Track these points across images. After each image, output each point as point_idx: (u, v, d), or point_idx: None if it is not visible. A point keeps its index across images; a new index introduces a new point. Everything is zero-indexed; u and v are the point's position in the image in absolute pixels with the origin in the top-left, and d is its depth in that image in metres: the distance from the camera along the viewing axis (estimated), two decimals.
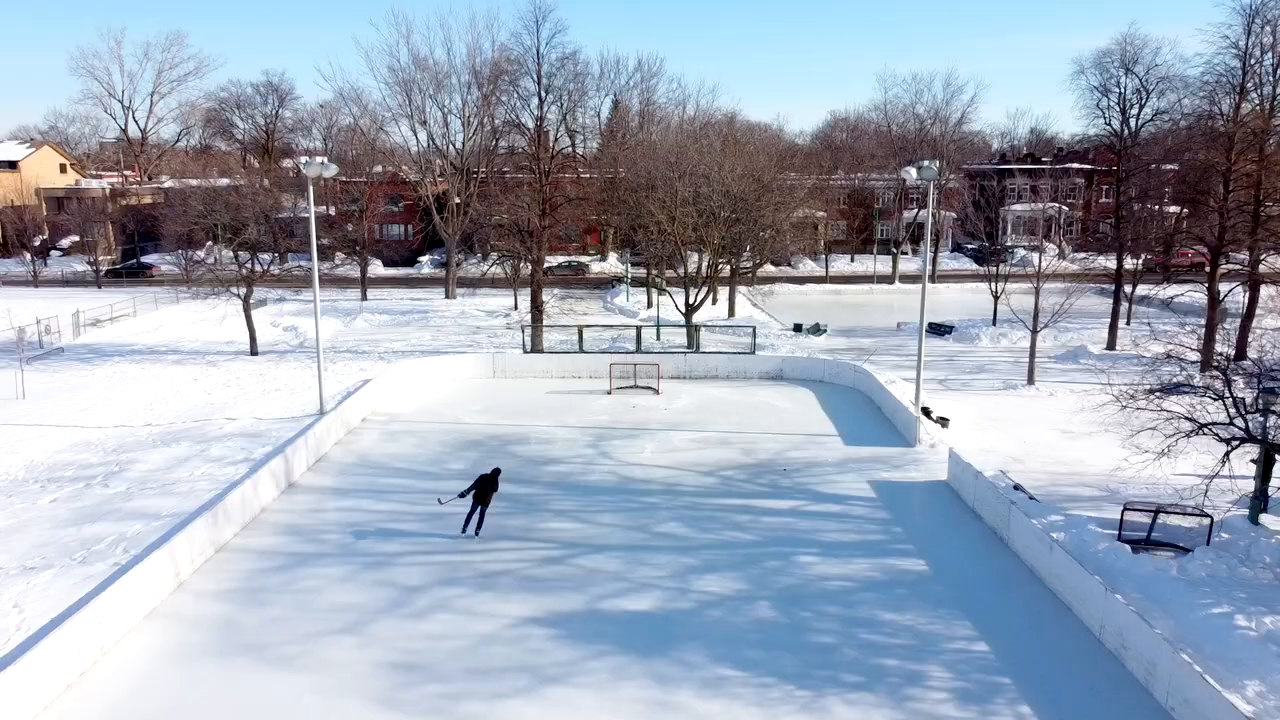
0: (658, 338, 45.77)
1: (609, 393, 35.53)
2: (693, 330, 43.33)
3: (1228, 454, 18.50)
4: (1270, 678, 14.50)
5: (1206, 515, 19.96)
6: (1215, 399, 18.68)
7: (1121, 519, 20.49)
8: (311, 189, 29.01)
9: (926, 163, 28.29)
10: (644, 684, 15.33)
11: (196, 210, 46.93)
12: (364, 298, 64.24)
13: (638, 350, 41.21)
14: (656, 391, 35.69)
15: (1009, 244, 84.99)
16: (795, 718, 14.38)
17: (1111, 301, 45.99)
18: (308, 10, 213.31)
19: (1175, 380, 19.65)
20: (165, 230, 72.39)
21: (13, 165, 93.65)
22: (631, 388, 36.24)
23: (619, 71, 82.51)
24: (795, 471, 26.33)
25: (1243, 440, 18.14)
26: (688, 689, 15.18)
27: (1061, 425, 30.44)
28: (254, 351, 43.76)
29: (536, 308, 43.14)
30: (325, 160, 29.12)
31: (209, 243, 79.82)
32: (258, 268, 44.97)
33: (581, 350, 40.70)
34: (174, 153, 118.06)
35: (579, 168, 64.14)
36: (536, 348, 42.14)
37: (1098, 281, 46.65)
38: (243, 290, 43.82)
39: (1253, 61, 36.56)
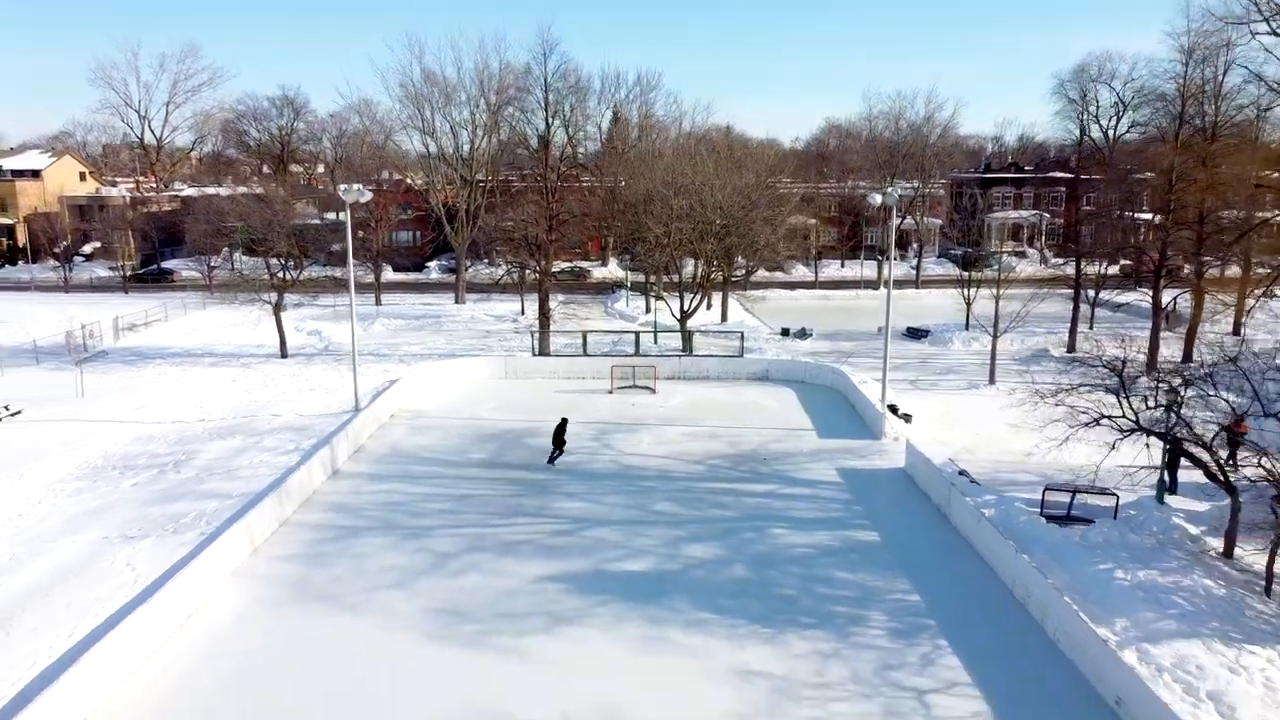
0: (655, 341, 49.53)
1: (610, 392, 39.29)
2: (687, 335, 47.11)
3: (1116, 443, 22.31)
4: (1134, 615, 18.29)
5: (1114, 494, 23.80)
6: (1112, 395, 22.49)
7: (1043, 498, 24.35)
8: (350, 214, 32.69)
9: (890, 190, 32.09)
10: (639, 624, 19.12)
11: (233, 224, 50.65)
12: (378, 303, 68.02)
13: (636, 353, 45.02)
14: (653, 391, 39.45)
15: (992, 250, 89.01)
16: (759, 648, 18.17)
17: (1071, 306, 49.96)
18: (317, 20, 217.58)
19: (1080, 383, 23.42)
20: (192, 237, 76.49)
21: (36, 174, 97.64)
22: (631, 387, 40.00)
23: (619, 85, 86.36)
24: (773, 460, 30.14)
25: (1133, 430, 21.92)
26: (675, 628, 18.96)
27: (1012, 420, 34.17)
28: (284, 354, 47.56)
29: (544, 315, 46.94)
30: (361, 187, 32.85)
31: (226, 249, 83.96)
32: (289, 275, 48.72)
33: (585, 353, 44.50)
34: (187, 160, 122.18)
35: (581, 176, 67.86)
36: (544, 351, 45.94)
37: (1056, 287, 50.50)
38: (273, 297, 47.65)
39: (1193, 89, 40.38)
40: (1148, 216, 62.94)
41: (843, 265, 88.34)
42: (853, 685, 16.86)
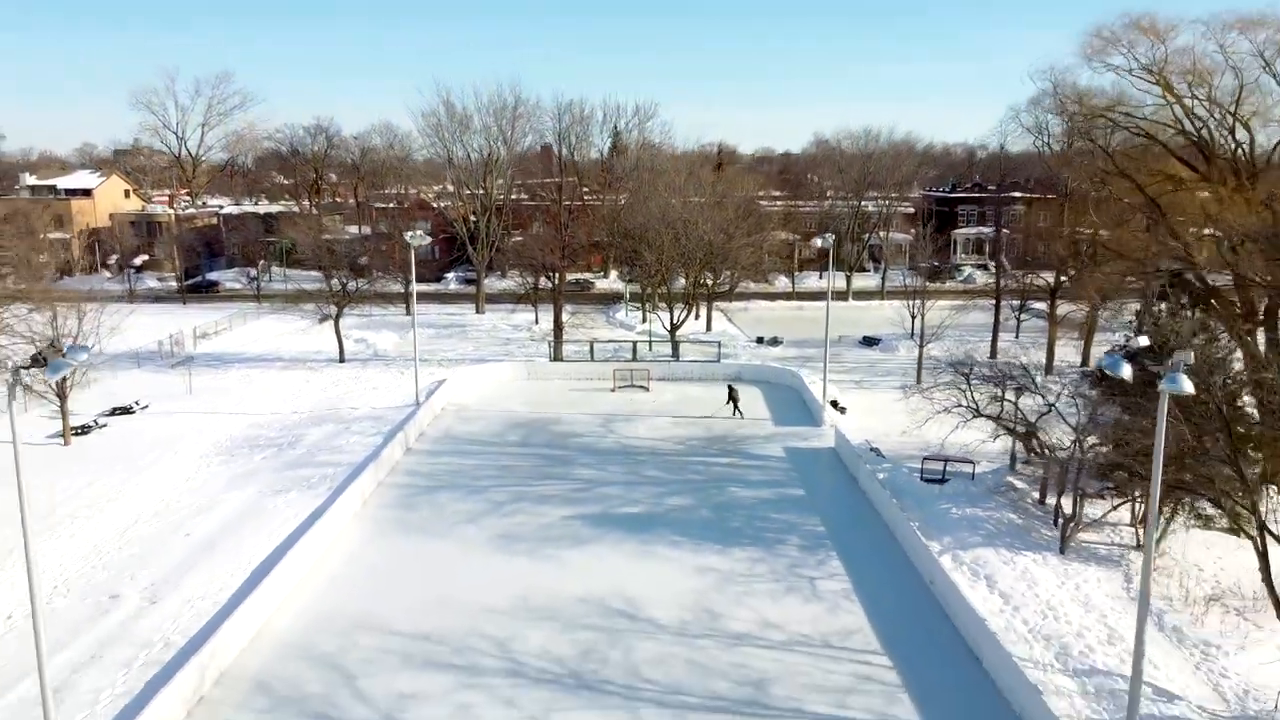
0: (649, 349, 59.13)
1: (612, 390, 48.93)
2: (675, 344, 56.81)
3: (960, 424, 32.06)
4: (955, 535, 28.03)
5: (973, 462, 33.55)
6: (960, 390, 32.29)
7: (922, 465, 34.10)
8: (413, 254, 42.42)
9: (829, 234, 41.76)
10: (635, 544, 28.80)
11: (280, 239, 60.23)
12: (409, 312, 77.52)
13: (634, 359, 54.66)
14: (647, 389, 49.08)
15: (956, 264, 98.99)
16: (713, 556, 27.81)
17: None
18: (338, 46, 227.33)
19: (941, 381, 33.23)
20: (235, 251, 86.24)
21: (88, 193, 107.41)
22: (629, 386, 49.64)
23: (619, 114, 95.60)
24: (737, 441, 39.85)
25: (974, 416, 31.71)
26: (659, 546, 28.62)
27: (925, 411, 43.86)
28: (341, 359, 57.11)
29: (558, 327, 56.63)
30: (422, 233, 42.53)
31: (263, 261, 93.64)
32: (347, 291, 58.37)
33: (592, 359, 54.18)
34: (217, 175, 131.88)
35: (586, 190, 76.91)
36: (558, 357, 55.59)
37: (984, 299, 60.28)
38: (331, 310, 57.29)
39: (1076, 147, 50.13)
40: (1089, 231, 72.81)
41: (821, 277, 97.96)
42: (770, 576, 26.58)
